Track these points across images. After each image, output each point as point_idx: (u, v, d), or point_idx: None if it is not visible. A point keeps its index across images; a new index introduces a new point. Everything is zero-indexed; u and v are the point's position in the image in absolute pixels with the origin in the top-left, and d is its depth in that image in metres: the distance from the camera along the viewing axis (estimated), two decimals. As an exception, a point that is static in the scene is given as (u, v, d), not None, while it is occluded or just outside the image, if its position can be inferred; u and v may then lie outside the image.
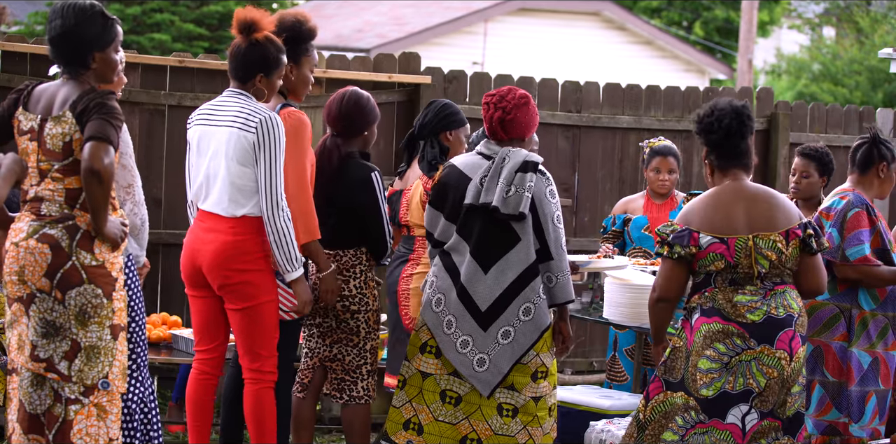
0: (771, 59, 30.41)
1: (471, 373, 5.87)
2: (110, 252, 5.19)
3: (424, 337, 5.97)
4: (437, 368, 5.95)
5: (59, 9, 5.20)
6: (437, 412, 5.95)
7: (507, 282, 5.84)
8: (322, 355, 6.36)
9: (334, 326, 6.31)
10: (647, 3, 31.12)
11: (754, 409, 5.63)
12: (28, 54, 8.02)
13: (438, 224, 6.01)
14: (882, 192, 6.62)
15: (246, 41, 5.87)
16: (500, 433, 5.89)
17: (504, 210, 5.81)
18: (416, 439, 5.97)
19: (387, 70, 8.93)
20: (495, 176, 5.86)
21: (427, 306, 5.97)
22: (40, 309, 5.13)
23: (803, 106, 10.48)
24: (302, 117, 6.01)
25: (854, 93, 24.60)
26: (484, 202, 5.85)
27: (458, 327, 5.89)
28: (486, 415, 5.89)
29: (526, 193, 5.81)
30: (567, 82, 9.61)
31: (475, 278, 5.87)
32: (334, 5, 27.26)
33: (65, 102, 5.16)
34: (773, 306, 5.64)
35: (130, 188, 5.85)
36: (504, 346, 5.85)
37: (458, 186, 5.95)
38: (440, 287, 5.95)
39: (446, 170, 6.06)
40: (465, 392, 5.92)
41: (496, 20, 24.61)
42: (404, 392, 6.00)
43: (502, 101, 5.96)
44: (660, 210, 7.92)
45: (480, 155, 6.00)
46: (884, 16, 27.40)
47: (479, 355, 5.87)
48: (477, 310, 5.88)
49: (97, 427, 5.17)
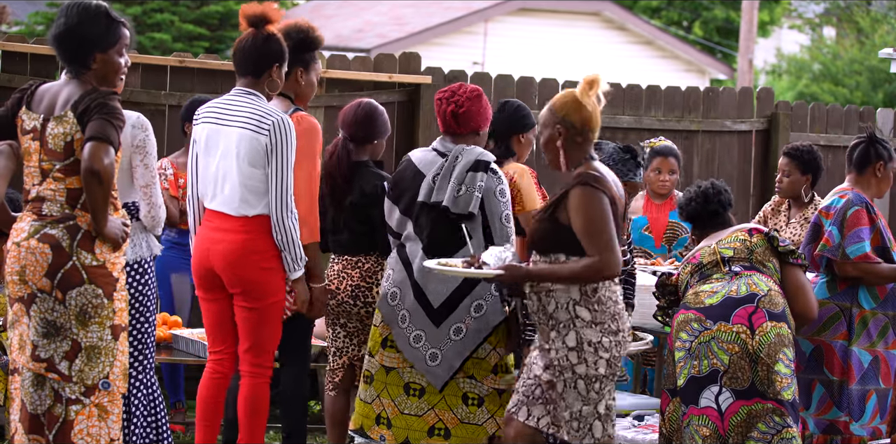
0: (771, 59, 30.41)
1: (424, 367, 5.95)
2: (111, 252, 5.19)
3: (385, 332, 6.04)
4: (399, 361, 6.02)
5: (65, 7, 5.21)
6: (402, 405, 6.01)
7: (458, 279, 5.87)
8: (351, 354, 6.48)
9: (360, 327, 6.43)
10: (647, 2, 31.11)
11: (725, 388, 5.76)
12: (28, 54, 8.03)
13: (394, 217, 6.09)
14: (880, 191, 6.64)
15: (258, 34, 5.90)
16: (467, 421, 5.96)
17: (454, 210, 5.88)
18: (386, 433, 6.04)
19: (387, 70, 8.93)
20: (447, 175, 5.93)
21: (384, 300, 6.04)
22: (41, 309, 5.13)
23: (803, 106, 10.48)
24: (313, 122, 6.09)
25: (854, 93, 24.61)
26: (435, 201, 5.92)
27: (411, 322, 5.96)
28: (452, 404, 5.97)
29: (476, 192, 5.87)
30: (567, 82, 9.61)
31: (428, 275, 5.91)
32: (334, 5, 27.25)
33: (67, 101, 5.16)
34: (733, 289, 5.86)
35: (148, 189, 5.84)
36: (455, 342, 5.92)
37: (412, 181, 6.02)
38: (396, 280, 6.02)
39: (403, 164, 6.14)
40: (428, 383, 5.99)
41: (496, 20, 24.61)
42: (372, 388, 6.06)
43: (454, 95, 6.06)
44: (659, 210, 7.93)
45: (435, 151, 6.07)
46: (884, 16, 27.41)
47: (432, 350, 5.94)
48: (429, 306, 5.95)
49: (98, 428, 5.17)
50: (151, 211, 5.52)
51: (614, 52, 24.99)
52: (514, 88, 9.32)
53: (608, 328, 5.21)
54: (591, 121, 5.28)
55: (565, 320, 5.21)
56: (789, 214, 7.62)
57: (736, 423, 5.75)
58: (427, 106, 8.85)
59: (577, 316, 5.21)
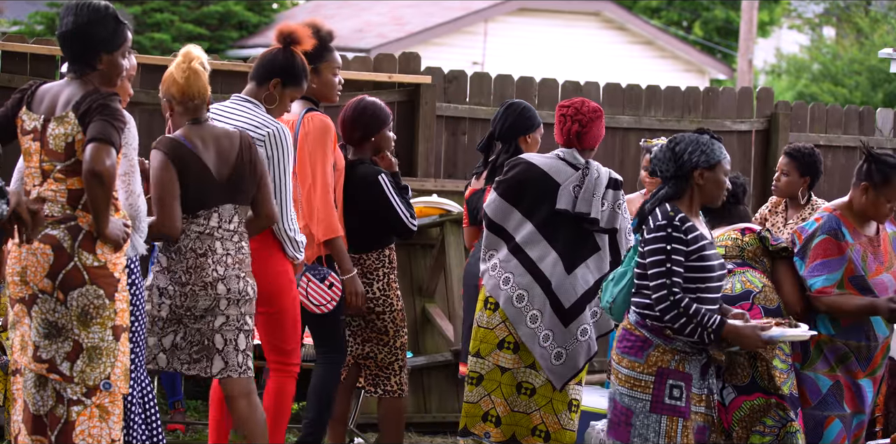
0: (771, 59, 30.42)
1: (549, 366, 6.17)
2: (112, 253, 5.19)
3: (502, 334, 6.21)
4: (514, 362, 6.21)
5: (74, 6, 5.21)
6: (514, 403, 6.22)
7: (588, 284, 6.17)
8: (355, 353, 6.53)
9: (363, 325, 6.47)
10: (647, 3, 31.11)
11: (727, 383, 5.79)
12: (28, 54, 8.02)
13: (512, 218, 6.24)
14: (875, 213, 6.32)
15: (280, 49, 6.04)
16: (568, 428, 6.21)
17: (602, 224, 6.15)
18: (493, 430, 6.24)
19: (387, 70, 8.93)
20: (591, 188, 6.15)
21: (508, 303, 6.18)
22: (42, 310, 5.13)
23: (803, 106, 10.47)
24: (325, 120, 6.15)
25: (854, 93, 24.61)
26: (580, 212, 6.13)
27: (542, 322, 6.16)
28: (557, 409, 6.20)
29: (617, 210, 6.19)
30: (567, 82, 9.61)
31: (561, 277, 6.15)
32: (334, 5, 27.25)
33: (68, 102, 5.16)
34: (728, 287, 5.82)
35: (127, 177, 5.85)
36: (581, 342, 6.18)
37: (539, 185, 6.20)
38: (520, 284, 6.19)
39: (522, 166, 6.26)
40: (540, 385, 6.20)
41: (496, 20, 24.61)
42: (482, 387, 6.24)
43: (578, 113, 6.26)
44: (659, 211, 7.93)
45: (564, 161, 6.26)
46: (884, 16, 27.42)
47: (558, 349, 6.17)
48: (560, 306, 6.16)
49: (99, 428, 5.17)
50: (129, 198, 5.53)
51: (614, 52, 24.99)
52: (514, 88, 9.31)
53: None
54: (186, 91, 5.69)
55: None
56: (787, 215, 7.60)
57: (739, 418, 5.76)
58: (427, 106, 8.85)
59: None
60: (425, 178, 8.78)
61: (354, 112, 6.51)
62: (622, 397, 5.31)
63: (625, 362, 5.31)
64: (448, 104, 9.10)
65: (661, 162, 5.40)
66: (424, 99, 8.86)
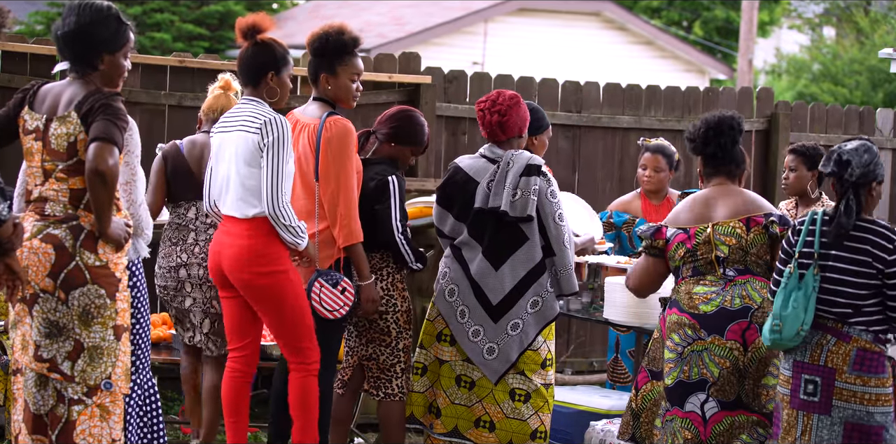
0: (771, 59, 30.43)
1: (481, 360, 6.30)
2: (114, 253, 5.19)
3: (440, 326, 6.41)
4: (451, 355, 6.39)
5: (76, 6, 5.21)
6: (454, 395, 6.39)
7: (517, 278, 6.26)
8: (360, 354, 6.55)
9: (367, 325, 6.48)
10: (647, 3, 31.11)
11: (712, 398, 5.75)
12: (28, 54, 8.03)
13: (447, 223, 6.44)
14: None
15: (251, 44, 6.02)
16: (512, 416, 6.32)
17: (512, 213, 6.22)
18: (435, 421, 6.43)
19: (387, 70, 8.94)
20: (502, 180, 6.25)
21: (441, 296, 6.37)
22: (43, 309, 5.13)
23: (803, 106, 10.48)
24: (347, 125, 6.15)
25: (854, 93, 24.62)
26: (493, 206, 6.25)
27: (470, 317, 6.31)
28: (499, 399, 6.33)
29: (531, 196, 6.21)
30: (567, 82, 9.62)
31: (487, 275, 6.28)
32: (334, 5, 27.25)
33: (70, 102, 5.17)
34: (727, 299, 5.77)
35: (128, 186, 5.86)
36: (513, 336, 6.28)
37: (464, 188, 6.36)
38: (453, 278, 6.37)
39: (451, 171, 6.46)
40: (479, 377, 6.35)
41: (496, 20, 24.60)
42: (426, 378, 6.44)
43: (494, 105, 6.36)
44: (658, 212, 7.94)
45: (485, 158, 6.40)
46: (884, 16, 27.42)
47: (490, 345, 6.29)
48: (488, 303, 6.30)
49: (100, 428, 5.18)
50: (131, 208, 5.55)
51: (614, 52, 24.98)
52: (514, 88, 9.31)
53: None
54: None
55: None
56: (796, 212, 7.64)
57: (718, 432, 5.74)
58: (427, 106, 8.85)
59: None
60: (425, 178, 8.78)
61: (395, 113, 6.52)
62: (872, 417, 5.33)
63: (872, 381, 5.34)
64: (448, 104, 9.11)
65: (860, 166, 5.39)
66: (424, 99, 8.86)
